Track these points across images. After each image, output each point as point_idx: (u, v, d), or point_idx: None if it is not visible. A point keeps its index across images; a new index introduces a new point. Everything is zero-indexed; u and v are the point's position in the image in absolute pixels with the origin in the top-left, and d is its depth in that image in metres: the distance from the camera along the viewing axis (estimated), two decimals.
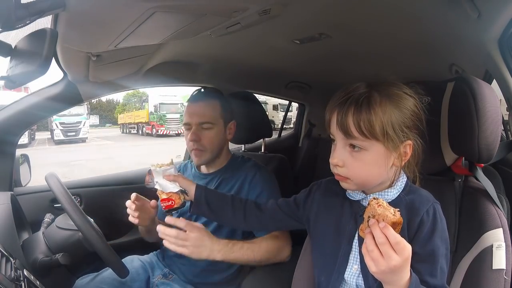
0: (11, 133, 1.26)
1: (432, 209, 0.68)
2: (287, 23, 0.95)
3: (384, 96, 0.65)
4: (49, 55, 0.64)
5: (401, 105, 0.66)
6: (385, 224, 0.56)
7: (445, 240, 0.67)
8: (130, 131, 23.61)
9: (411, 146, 0.68)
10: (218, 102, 1.19)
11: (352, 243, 0.74)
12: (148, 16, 0.71)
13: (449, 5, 0.78)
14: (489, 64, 0.93)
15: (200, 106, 1.17)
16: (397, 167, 0.69)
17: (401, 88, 0.68)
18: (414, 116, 0.67)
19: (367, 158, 0.66)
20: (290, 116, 4.66)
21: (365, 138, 0.65)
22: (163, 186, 0.91)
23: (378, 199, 0.61)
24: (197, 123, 1.15)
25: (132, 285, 1.14)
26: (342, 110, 0.66)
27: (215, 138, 1.15)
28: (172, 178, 0.90)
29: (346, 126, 0.65)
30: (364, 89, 0.67)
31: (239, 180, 1.16)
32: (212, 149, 1.16)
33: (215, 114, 1.16)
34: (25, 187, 1.40)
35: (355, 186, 0.71)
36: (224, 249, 0.94)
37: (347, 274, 0.73)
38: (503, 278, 0.70)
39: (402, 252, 0.56)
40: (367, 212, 0.61)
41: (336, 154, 0.69)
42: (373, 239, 0.57)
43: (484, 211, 0.74)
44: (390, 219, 0.58)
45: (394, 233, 0.56)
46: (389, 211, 0.58)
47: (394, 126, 0.65)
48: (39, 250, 0.96)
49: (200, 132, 1.15)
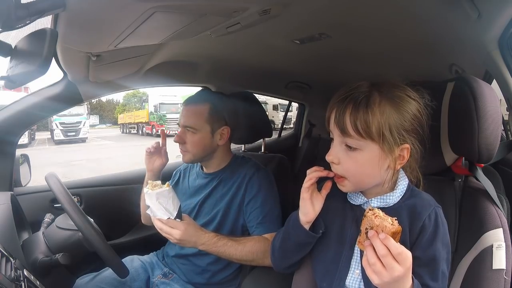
0: (11, 133, 1.26)
1: (434, 213, 0.67)
2: (287, 23, 0.95)
3: (385, 97, 0.65)
4: (49, 55, 0.63)
5: (401, 108, 0.65)
6: (385, 235, 0.56)
7: (447, 244, 0.67)
8: (130, 131, 23.62)
9: (408, 150, 0.66)
10: (208, 107, 1.16)
11: (354, 248, 0.73)
12: (148, 16, 0.71)
13: (449, 5, 0.78)
14: (489, 64, 0.93)
15: (188, 110, 1.18)
16: (392, 170, 0.68)
17: (405, 90, 0.67)
18: (415, 121, 0.66)
19: (361, 157, 0.66)
20: (290, 116, 4.66)
21: (360, 138, 0.64)
22: (154, 212, 0.90)
23: (373, 209, 0.60)
24: (182, 125, 1.17)
25: (132, 285, 1.14)
26: (340, 108, 0.66)
27: (198, 142, 1.15)
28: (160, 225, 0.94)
29: (343, 124, 0.65)
30: (365, 88, 0.66)
31: (238, 180, 1.16)
32: (195, 153, 1.16)
33: (199, 120, 1.15)
34: (25, 187, 1.40)
35: (353, 186, 0.70)
36: (208, 243, 0.99)
37: (348, 280, 0.72)
38: (503, 278, 0.69)
39: (404, 262, 0.56)
40: (364, 224, 0.60)
41: (332, 151, 0.69)
42: (374, 252, 0.56)
43: (484, 211, 0.74)
44: (389, 230, 0.57)
45: (395, 244, 0.56)
46: (387, 221, 0.58)
47: (391, 128, 0.64)
48: (39, 250, 0.96)
49: (184, 134, 1.16)
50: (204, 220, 1.16)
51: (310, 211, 0.74)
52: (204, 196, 1.19)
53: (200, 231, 0.99)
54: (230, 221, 1.14)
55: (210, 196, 1.18)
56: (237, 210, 1.14)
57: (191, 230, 0.96)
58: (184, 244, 0.97)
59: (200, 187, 1.22)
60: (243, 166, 1.19)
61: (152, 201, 0.89)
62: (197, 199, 1.20)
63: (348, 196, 0.76)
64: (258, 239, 1.06)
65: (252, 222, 1.11)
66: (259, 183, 1.14)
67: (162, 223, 0.93)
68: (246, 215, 1.13)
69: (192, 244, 0.97)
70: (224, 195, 1.16)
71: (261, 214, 1.10)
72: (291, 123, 3.75)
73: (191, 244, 0.97)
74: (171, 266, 1.23)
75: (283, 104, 12.74)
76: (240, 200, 1.14)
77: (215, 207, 1.16)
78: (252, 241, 1.05)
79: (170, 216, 0.91)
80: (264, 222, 1.09)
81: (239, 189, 1.15)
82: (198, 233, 0.98)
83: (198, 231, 0.98)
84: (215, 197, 1.18)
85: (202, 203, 1.19)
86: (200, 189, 1.22)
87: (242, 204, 1.14)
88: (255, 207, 1.11)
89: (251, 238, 1.06)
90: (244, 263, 1.09)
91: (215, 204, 1.17)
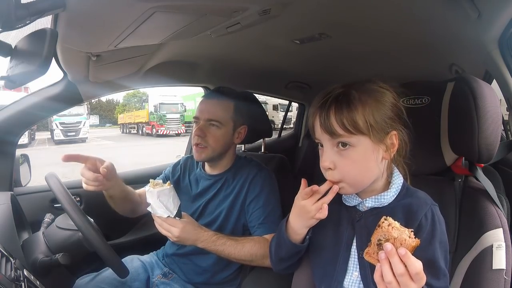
0: (11, 133, 1.26)
1: (430, 212, 0.67)
2: (287, 23, 0.95)
3: (361, 91, 0.67)
4: (49, 55, 0.63)
5: (379, 98, 0.67)
6: (406, 251, 0.52)
7: (444, 242, 0.66)
8: (130, 131, 23.64)
9: (396, 136, 0.68)
10: (232, 103, 1.17)
11: (350, 249, 0.73)
12: (148, 16, 0.71)
13: (449, 5, 0.78)
14: (489, 64, 0.93)
15: (212, 104, 1.16)
16: (387, 160, 0.69)
17: (376, 83, 0.69)
18: (394, 107, 0.68)
19: (356, 154, 0.66)
20: (290, 116, 4.67)
21: (351, 135, 0.65)
22: (154, 209, 0.92)
23: (388, 219, 0.56)
24: (205, 118, 1.14)
25: (132, 285, 1.13)
26: (323, 112, 0.67)
27: (220, 137, 1.14)
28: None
29: (330, 127, 0.66)
30: (341, 89, 0.68)
31: (241, 180, 1.16)
32: (215, 148, 1.14)
33: (226, 114, 1.15)
34: (25, 187, 1.40)
35: (350, 188, 0.69)
36: (207, 241, 0.99)
37: (346, 282, 0.72)
38: (503, 278, 0.69)
39: (420, 282, 0.54)
40: (376, 235, 0.56)
41: (325, 157, 0.68)
42: (390, 269, 0.53)
43: (484, 211, 0.74)
44: (409, 244, 0.52)
45: (415, 262, 0.53)
46: (405, 233, 0.54)
47: (376, 118, 0.65)
48: (39, 250, 0.96)
49: (207, 129, 1.14)
50: (207, 220, 1.15)
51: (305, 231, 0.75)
52: (208, 198, 1.18)
53: (199, 229, 0.99)
54: (232, 221, 1.14)
55: (214, 198, 1.18)
56: (239, 210, 1.14)
57: (190, 228, 0.96)
58: (183, 242, 0.97)
59: (203, 190, 1.20)
60: (246, 166, 1.19)
61: (153, 199, 0.90)
62: (200, 202, 1.19)
63: (342, 197, 0.76)
64: (258, 239, 1.06)
65: (254, 222, 1.11)
66: (262, 183, 1.14)
67: (162, 221, 0.93)
68: (247, 214, 1.13)
69: (191, 242, 0.98)
70: (227, 196, 1.16)
71: (262, 214, 1.10)
72: (291, 123, 3.75)
73: (190, 242, 0.98)
74: (171, 266, 1.23)
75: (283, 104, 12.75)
76: (242, 200, 1.14)
77: (218, 207, 1.16)
78: (251, 241, 1.04)
79: (170, 214, 0.92)
80: (266, 223, 1.09)
81: (241, 189, 1.15)
82: (197, 231, 0.98)
83: (197, 229, 0.99)
84: (218, 198, 1.17)
85: (205, 205, 1.18)
86: (204, 192, 1.20)
87: (244, 204, 1.14)
88: (257, 207, 1.11)
89: (250, 239, 1.06)
90: (243, 263, 1.09)
91: (218, 205, 1.17)
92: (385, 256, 0.54)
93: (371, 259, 0.57)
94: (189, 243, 0.98)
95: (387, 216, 0.58)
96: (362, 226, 0.72)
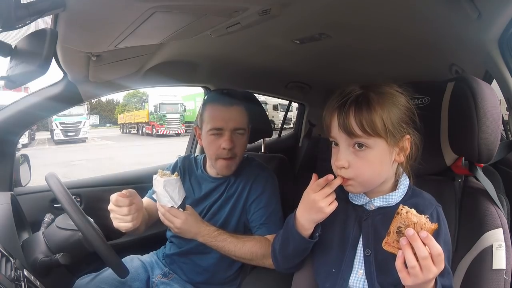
0: (11, 133, 1.26)
1: (435, 212, 0.68)
2: (287, 23, 0.95)
3: (380, 94, 0.67)
4: (49, 55, 0.63)
5: (396, 102, 0.68)
6: (427, 234, 0.53)
7: (448, 242, 0.68)
8: (130, 131, 23.64)
9: (409, 140, 0.69)
10: (244, 106, 1.14)
11: (356, 248, 0.73)
12: (148, 16, 0.71)
13: (449, 5, 0.78)
14: (489, 64, 0.93)
15: (236, 111, 1.10)
16: (398, 163, 0.70)
17: (392, 87, 0.70)
18: (408, 111, 0.69)
19: (372, 155, 0.67)
20: (290, 116, 4.66)
21: (368, 136, 0.66)
22: (159, 198, 0.93)
23: (405, 207, 0.57)
24: (232, 128, 1.08)
25: (132, 285, 1.13)
26: (342, 112, 0.67)
27: (244, 145, 1.13)
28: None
29: (349, 127, 0.66)
30: (360, 90, 0.68)
31: (243, 180, 1.16)
32: (240, 156, 1.13)
33: (246, 119, 1.13)
34: (25, 187, 1.40)
35: (360, 187, 0.70)
36: (207, 236, 1.00)
37: (352, 280, 0.73)
38: (503, 278, 0.70)
39: (440, 264, 0.55)
40: (395, 223, 0.57)
41: (341, 156, 0.69)
42: (413, 253, 0.54)
43: (484, 211, 0.74)
44: (429, 227, 0.53)
45: (436, 244, 0.54)
46: (423, 218, 0.54)
47: (393, 122, 0.66)
48: (39, 250, 0.96)
49: (234, 139, 1.09)
50: (209, 220, 1.15)
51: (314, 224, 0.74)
52: (213, 201, 1.17)
53: (201, 223, 0.99)
54: (234, 220, 1.14)
55: (217, 200, 1.17)
56: (241, 210, 1.14)
57: (192, 221, 0.97)
58: (183, 234, 0.97)
59: (207, 193, 1.18)
60: (248, 166, 1.19)
61: (159, 188, 0.91)
62: (204, 205, 1.18)
63: (349, 196, 0.76)
64: (259, 239, 1.06)
65: (255, 222, 1.11)
66: (264, 183, 1.14)
67: (166, 210, 0.94)
68: (249, 214, 1.13)
69: (192, 235, 0.97)
70: (230, 197, 1.16)
71: (264, 214, 1.10)
72: (291, 123, 3.75)
73: (191, 235, 0.97)
74: (171, 266, 1.22)
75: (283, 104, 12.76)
76: (245, 199, 1.14)
77: (221, 208, 1.16)
78: (252, 240, 1.04)
79: (174, 205, 0.93)
80: (267, 223, 1.10)
81: (244, 189, 1.15)
82: (199, 224, 0.98)
83: (199, 222, 0.99)
84: (221, 200, 1.17)
85: (209, 208, 1.17)
86: (208, 195, 1.18)
87: (246, 204, 1.14)
88: (259, 207, 1.11)
89: (252, 238, 1.06)
90: (243, 261, 1.09)
91: (221, 206, 1.16)
92: (406, 241, 0.55)
93: (391, 248, 0.58)
94: (189, 236, 0.98)
95: (405, 206, 0.59)
96: (369, 224, 0.72)
